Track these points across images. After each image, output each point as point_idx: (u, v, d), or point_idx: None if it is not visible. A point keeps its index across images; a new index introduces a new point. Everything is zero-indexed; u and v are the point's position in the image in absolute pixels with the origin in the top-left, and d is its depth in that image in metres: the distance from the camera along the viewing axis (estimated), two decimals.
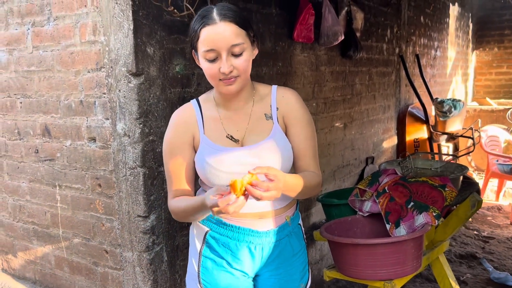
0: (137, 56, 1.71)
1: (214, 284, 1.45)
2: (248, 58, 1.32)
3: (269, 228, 1.43)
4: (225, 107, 1.43)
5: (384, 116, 4.18)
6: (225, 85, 1.32)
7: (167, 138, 1.44)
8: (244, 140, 1.40)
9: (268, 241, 1.44)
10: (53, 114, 2.05)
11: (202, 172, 1.40)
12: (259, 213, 1.41)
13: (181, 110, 1.46)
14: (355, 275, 2.06)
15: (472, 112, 6.54)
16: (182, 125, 1.42)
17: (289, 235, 1.49)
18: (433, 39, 5.61)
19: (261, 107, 1.43)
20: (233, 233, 1.42)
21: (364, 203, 2.37)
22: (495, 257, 3.72)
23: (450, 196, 2.15)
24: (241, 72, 1.31)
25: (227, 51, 1.27)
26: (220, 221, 1.43)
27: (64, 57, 1.95)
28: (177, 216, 1.44)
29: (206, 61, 1.30)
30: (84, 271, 2.08)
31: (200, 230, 1.47)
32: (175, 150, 1.41)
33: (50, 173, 2.12)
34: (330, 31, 2.87)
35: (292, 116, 1.43)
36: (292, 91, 1.47)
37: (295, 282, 1.52)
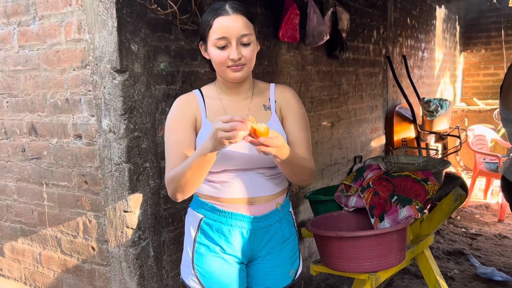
0: (121, 53, 1.74)
1: (207, 270, 1.51)
2: (254, 49, 1.45)
3: (260, 214, 1.52)
4: (227, 96, 1.53)
5: (371, 116, 4.23)
6: (232, 71, 1.42)
7: (169, 117, 1.50)
8: None
9: (260, 226, 1.52)
10: (40, 112, 2.07)
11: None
12: (251, 198, 1.50)
13: (184, 96, 1.55)
14: (340, 268, 2.09)
15: (460, 113, 6.62)
16: (184, 106, 1.50)
17: (279, 221, 1.57)
18: (420, 41, 5.69)
19: (260, 99, 1.55)
20: (226, 218, 1.50)
21: (349, 199, 2.41)
22: (482, 253, 3.77)
23: (433, 190, 2.19)
24: (247, 61, 1.43)
25: (237, 39, 1.39)
26: (214, 208, 1.50)
27: (50, 55, 1.97)
28: (174, 182, 1.40)
29: (216, 48, 1.41)
30: (71, 268, 2.09)
31: (195, 217, 1.55)
32: (177, 127, 1.47)
33: (37, 172, 2.14)
34: (315, 31, 2.92)
35: (289, 109, 1.55)
36: (290, 88, 1.62)
37: (285, 267, 1.60)
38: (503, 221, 4.52)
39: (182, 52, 2.02)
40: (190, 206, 1.60)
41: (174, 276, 2.03)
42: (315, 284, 3.16)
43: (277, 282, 1.59)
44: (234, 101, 1.52)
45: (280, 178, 1.57)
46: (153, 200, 1.90)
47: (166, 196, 1.97)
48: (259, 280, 1.59)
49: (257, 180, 1.51)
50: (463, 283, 3.23)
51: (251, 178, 1.49)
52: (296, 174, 1.47)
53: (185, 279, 1.57)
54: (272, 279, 1.59)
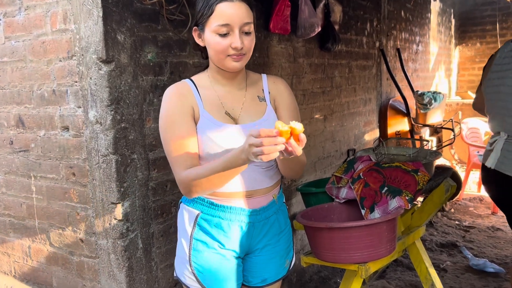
0: (107, 43, 1.72)
1: (205, 266, 1.47)
2: (253, 38, 1.40)
3: (259, 206, 1.50)
4: (221, 86, 1.47)
5: (365, 109, 4.23)
6: (233, 60, 1.37)
7: (165, 112, 1.40)
8: (240, 119, 1.46)
9: (258, 218, 1.51)
10: (27, 104, 2.05)
11: (203, 147, 1.41)
12: (248, 191, 1.48)
13: (175, 86, 1.45)
14: (330, 259, 2.08)
15: (454, 106, 6.62)
16: (179, 97, 1.41)
17: (276, 213, 1.57)
18: (414, 34, 5.67)
19: (254, 90, 1.51)
20: (225, 213, 1.47)
21: (340, 190, 2.40)
22: (475, 245, 3.78)
23: (423, 180, 2.18)
24: (247, 50, 1.38)
25: (240, 27, 1.34)
26: (212, 203, 1.47)
27: (35, 46, 1.95)
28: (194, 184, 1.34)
29: (217, 35, 1.35)
30: (60, 261, 2.08)
31: (190, 213, 1.50)
32: (176, 120, 1.38)
33: (25, 164, 2.12)
34: (307, 23, 2.90)
35: (282, 100, 1.54)
36: (282, 79, 1.59)
37: (282, 258, 1.60)
38: (497, 213, 4.53)
39: (170, 43, 2.00)
40: (183, 202, 1.55)
41: (163, 268, 2.02)
42: (308, 277, 3.16)
43: (274, 274, 1.59)
44: (229, 92, 1.48)
45: (274, 170, 1.55)
46: (141, 192, 1.89)
47: (154, 188, 1.96)
48: (256, 272, 1.58)
49: (254, 173, 1.48)
50: (455, 274, 3.23)
51: (248, 171, 1.45)
52: (292, 169, 1.47)
53: (180, 277, 1.53)
54: (269, 271, 1.58)
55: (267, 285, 1.59)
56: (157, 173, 1.97)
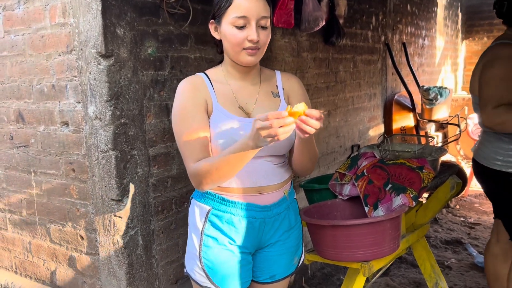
0: (106, 37, 1.69)
1: (215, 262, 1.46)
2: (269, 33, 1.40)
3: (270, 202, 1.49)
4: (235, 80, 1.47)
5: (370, 104, 4.18)
6: (248, 54, 1.37)
7: (178, 105, 1.40)
8: (253, 113, 1.45)
9: (269, 215, 1.50)
10: (26, 99, 2.03)
11: (216, 140, 1.40)
12: (260, 187, 1.47)
13: (188, 79, 1.46)
14: (333, 257, 2.05)
15: (460, 101, 6.55)
16: (193, 90, 1.41)
17: (287, 209, 1.56)
18: (420, 28, 5.60)
19: (268, 85, 1.51)
20: (236, 209, 1.45)
21: (343, 187, 2.37)
22: (480, 242, 3.74)
23: (428, 178, 2.14)
24: (262, 45, 1.38)
25: (256, 20, 1.34)
26: (223, 199, 1.45)
27: (35, 40, 1.92)
28: (204, 175, 1.34)
29: (234, 27, 1.35)
30: (60, 257, 2.07)
31: (201, 209, 1.48)
32: (189, 113, 1.38)
33: (25, 160, 2.10)
34: (311, 17, 2.85)
35: (296, 97, 1.53)
36: (295, 76, 1.59)
37: (291, 255, 1.59)
38: None
39: (170, 37, 1.97)
40: (194, 198, 1.54)
41: (164, 265, 2.01)
42: (311, 274, 3.14)
43: (283, 270, 1.58)
44: (243, 87, 1.47)
45: (286, 166, 1.55)
46: (142, 188, 1.87)
47: (155, 184, 1.93)
48: (265, 268, 1.57)
49: (266, 169, 1.47)
50: (460, 272, 3.20)
51: (259, 167, 1.45)
52: (310, 159, 1.47)
53: (190, 273, 1.52)
54: (278, 267, 1.57)
55: (275, 281, 1.59)
56: (157, 169, 1.94)
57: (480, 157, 2.33)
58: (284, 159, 1.53)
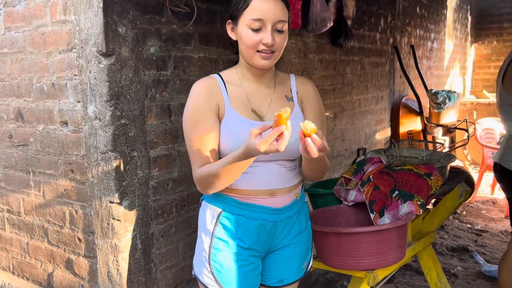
0: (107, 35, 1.64)
1: (224, 266, 1.44)
2: (286, 38, 1.38)
3: (282, 205, 1.47)
4: (250, 83, 1.46)
5: (377, 107, 4.12)
6: (262, 58, 1.36)
7: (190, 107, 1.39)
8: (266, 117, 1.44)
9: (281, 217, 1.48)
10: (26, 97, 1.99)
11: (228, 143, 1.38)
12: (272, 190, 1.45)
13: (203, 80, 1.44)
14: (337, 265, 2.00)
15: (469, 105, 6.47)
16: (206, 92, 1.40)
17: (298, 212, 1.54)
18: (429, 31, 5.53)
19: (282, 89, 1.50)
20: (248, 211, 1.44)
21: (349, 192, 2.31)
22: (487, 250, 3.67)
23: (436, 185, 2.08)
24: (278, 48, 1.36)
25: (273, 24, 1.33)
26: (235, 201, 1.44)
27: (35, 38, 1.88)
28: (207, 181, 1.36)
29: (250, 30, 1.34)
30: (58, 259, 2.03)
31: (212, 211, 1.46)
32: (200, 118, 1.37)
33: (24, 159, 2.06)
34: (319, 18, 2.80)
35: (309, 102, 1.52)
36: (310, 80, 1.58)
37: (300, 259, 1.56)
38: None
39: (174, 36, 1.92)
40: (205, 200, 1.51)
41: (163, 269, 1.96)
42: (314, 279, 3.08)
43: (292, 275, 1.56)
44: (257, 89, 1.46)
45: (297, 169, 1.53)
46: (141, 190, 1.82)
47: (155, 186, 1.88)
48: (273, 273, 1.55)
49: (278, 172, 1.45)
50: (467, 280, 3.13)
51: (272, 170, 1.44)
52: (319, 171, 1.47)
53: (198, 275, 1.49)
54: (287, 272, 1.55)
55: (284, 285, 1.56)
56: (158, 172, 1.89)
57: (506, 162, 2.22)
58: (295, 163, 1.52)
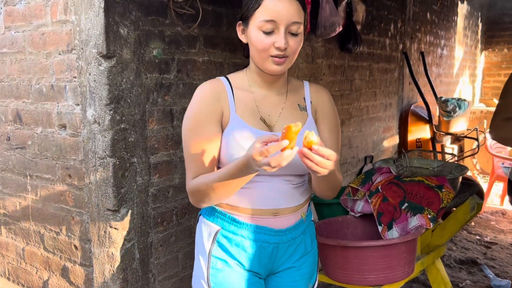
0: (108, 36, 1.58)
1: (224, 286, 1.31)
2: (301, 41, 1.25)
3: (285, 226, 1.34)
4: (260, 89, 1.33)
5: (385, 114, 4.03)
6: (274, 63, 1.23)
7: (192, 112, 1.27)
8: (276, 127, 1.31)
9: (284, 239, 1.35)
10: (25, 99, 1.93)
11: (230, 153, 1.26)
12: (275, 209, 1.32)
13: (209, 83, 1.31)
14: (342, 279, 1.92)
15: (478, 114, 6.36)
16: (212, 98, 1.27)
17: (304, 233, 1.40)
18: (439, 37, 5.44)
19: (295, 97, 1.37)
20: (248, 232, 1.31)
21: (356, 203, 2.23)
22: (497, 263, 3.56)
23: (447, 198, 2.00)
24: (291, 53, 1.23)
25: (286, 26, 1.20)
26: (234, 219, 1.31)
27: (35, 38, 1.83)
28: (201, 193, 1.23)
29: (261, 32, 1.21)
30: (53, 266, 1.96)
31: (209, 228, 1.34)
32: (202, 125, 1.25)
33: (21, 162, 2.01)
34: (328, 22, 2.73)
35: (324, 113, 1.39)
36: (325, 88, 1.44)
37: (304, 282, 1.43)
38: None
39: (178, 39, 1.86)
40: (203, 215, 1.39)
41: (162, 280, 1.89)
42: None
43: None
44: (267, 96, 1.33)
45: (305, 186, 1.39)
46: (140, 198, 1.76)
47: (155, 194, 1.82)
48: None
49: (283, 189, 1.31)
50: None
51: (277, 186, 1.30)
52: (330, 189, 1.32)
53: None
54: None
55: None
56: (158, 178, 1.83)
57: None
58: (304, 179, 1.38)
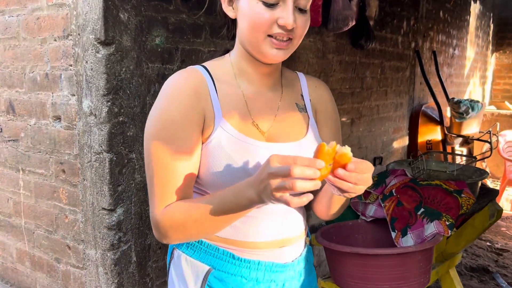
0: (107, 21, 1.46)
1: None
2: (308, 20, 0.97)
3: (293, 258, 1.07)
4: (249, 83, 1.02)
5: (395, 114, 3.90)
6: (274, 46, 0.93)
7: (163, 114, 0.93)
8: (271, 133, 1.02)
9: (292, 276, 1.08)
10: (18, 88, 1.81)
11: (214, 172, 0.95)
12: (281, 240, 1.04)
13: (184, 74, 0.98)
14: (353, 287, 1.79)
15: (489, 116, 6.21)
16: (191, 96, 0.94)
17: (306, 261, 1.14)
18: (451, 37, 5.30)
19: (292, 93, 1.08)
20: (250, 270, 1.02)
21: (367, 207, 2.11)
22: (509, 271, 3.43)
23: (467, 204, 1.87)
24: (298, 35, 0.95)
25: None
26: (230, 255, 1.01)
27: (30, 23, 1.71)
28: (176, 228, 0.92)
29: (261, 3, 0.91)
30: (45, 267, 1.84)
31: (195, 268, 1.02)
32: (176, 133, 0.92)
33: (14, 155, 1.89)
34: (340, 16, 2.60)
35: (326, 114, 1.12)
36: (324, 83, 1.16)
37: None
38: None
39: (182, 27, 1.73)
40: (180, 248, 1.05)
41: (160, 284, 1.77)
42: None
43: None
44: (259, 93, 1.03)
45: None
46: (139, 197, 1.63)
47: None
48: None
49: (290, 213, 1.05)
50: None
51: (282, 212, 1.02)
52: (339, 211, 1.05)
53: None
54: None
55: None
56: None
57: None
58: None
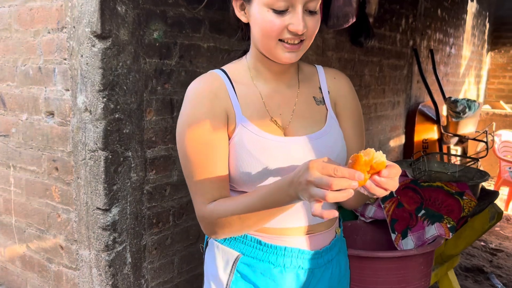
0: (103, 14, 1.40)
1: None
2: (319, 20, 1.00)
3: (321, 246, 1.10)
4: (265, 82, 1.07)
5: (392, 113, 3.87)
6: (286, 50, 0.98)
7: (189, 119, 1.00)
8: (290, 128, 1.06)
9: (320, 263, 1.10)
10: (9, 82, 1.75)
11: (238, 164, 1.01)
12: (310, 227, 1.08)
13: (203, 80, 1.04)
14: None
15: (484, 116, 6.22)
16: (212, 97, 1.01)
17: (338, 252, 1.16)
18: (449, 35, 5.28)
19: (309, 87, 1.12)
20: (277, 256, 1.06)
21: (367, 207, 2.07)
22: (503, 272, 3.42)
23: (469, 206, 1.84)
24: (309, 36, 0.99)
25: (304, 3, 0.95)
26: (259, 242, 1.06)
27: (22, 14, 1.64)
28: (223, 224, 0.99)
29: (271, 11, 0.95)
30: (36, 267, 1.79)
31: (225, 254, 1.08)
32: (207, 133, 0.99)
33: (4, 151, 1.83)
34: (341, 12, 2.56)
35: (346, 105, 1.13)
36: (344, 74, 1.17)
37: None
38: None
39: (181, 21, 1.68)
40: (214, 238, 1.11)
41: (155, 286, 1.72)
42: None
43: None
44: (276, 91, 1.08)
45: None
46: (134, 196, 1.58)
47: (150, 192, 1.64)
48: None
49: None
50: None
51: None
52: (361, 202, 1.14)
53: None
54: None
55: None
56: (155, 175, 1.65)
57: None
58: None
